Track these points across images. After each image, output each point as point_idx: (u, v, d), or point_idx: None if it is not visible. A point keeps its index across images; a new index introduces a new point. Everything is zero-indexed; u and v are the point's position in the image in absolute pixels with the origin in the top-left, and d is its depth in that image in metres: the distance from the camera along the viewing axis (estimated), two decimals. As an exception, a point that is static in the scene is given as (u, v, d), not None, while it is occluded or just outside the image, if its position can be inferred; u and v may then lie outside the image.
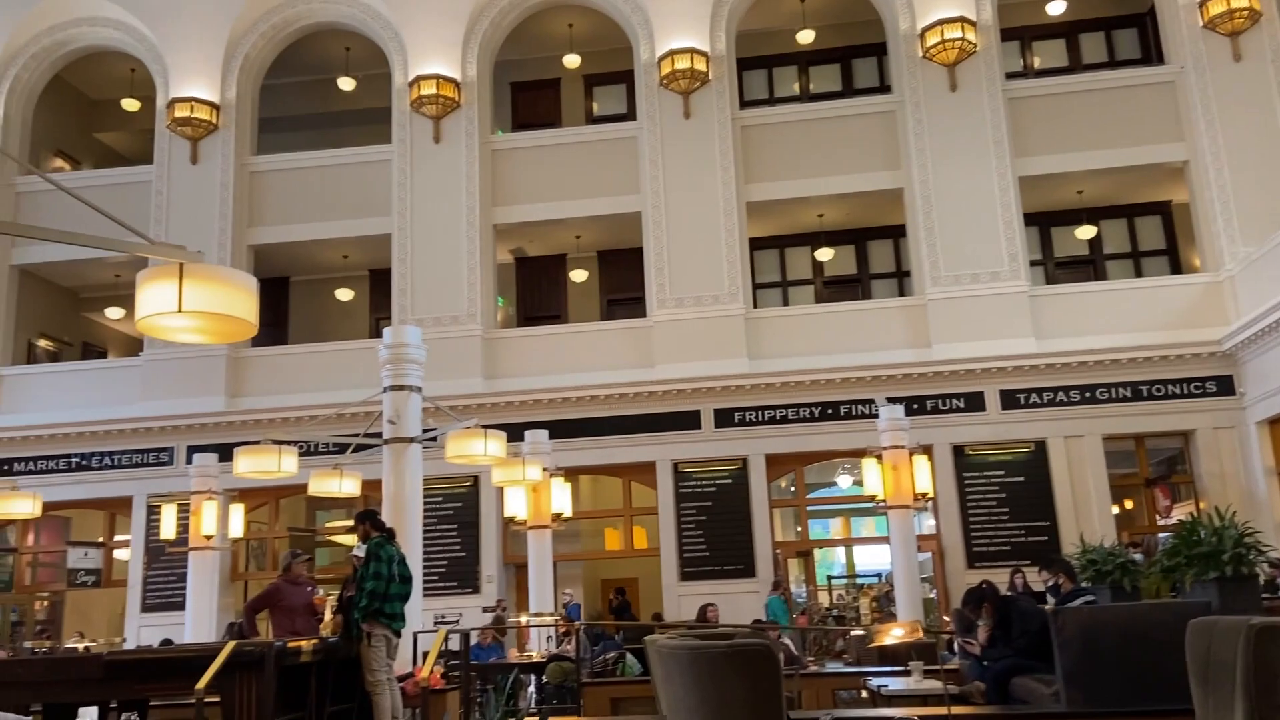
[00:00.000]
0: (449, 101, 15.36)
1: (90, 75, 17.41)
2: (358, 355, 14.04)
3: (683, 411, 14.17)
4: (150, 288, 3.89)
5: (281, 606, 7.93)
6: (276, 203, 15.81)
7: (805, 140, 15.06)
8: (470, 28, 15.60)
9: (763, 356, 14.21)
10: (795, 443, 14.01)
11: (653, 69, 15.19)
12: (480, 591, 13.89)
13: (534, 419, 13.30)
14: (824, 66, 16.76)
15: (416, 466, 8.99)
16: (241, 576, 15.10)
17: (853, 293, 15.93)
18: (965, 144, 14.36)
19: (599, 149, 15.53)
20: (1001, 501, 13.46)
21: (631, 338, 14.69)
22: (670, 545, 13.86)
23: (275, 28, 16.12)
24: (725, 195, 14.73)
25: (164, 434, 14.76)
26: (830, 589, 16.34)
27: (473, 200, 15.15)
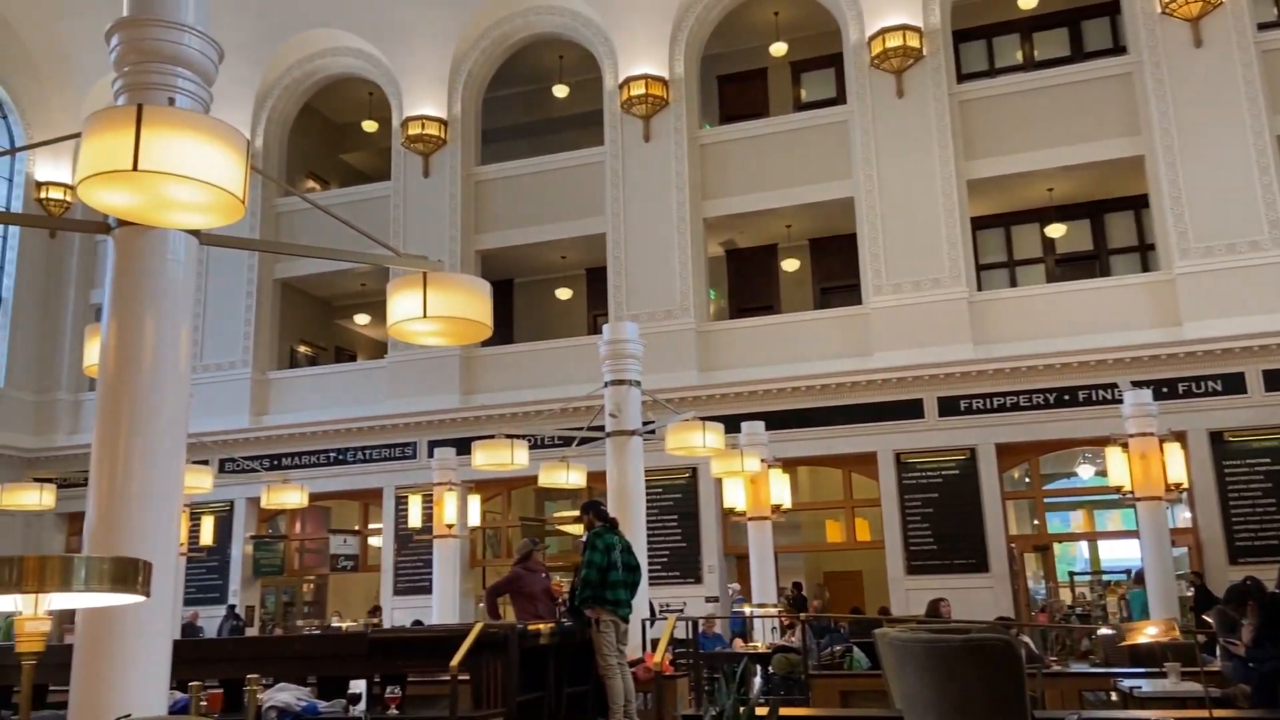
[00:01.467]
0: (658, 100, 15.62)
1: (334, 101, 18.98)
2: (578, 351, 14.57)
3: (904, 400, 13.76)
4: (399, 296, 4.21)
5: (523, 593, 8.36)
6: (499, 209, 16.65)
7: (1030, 111, 14.24)
8: (677, 25, 15.79)
9: (989, 341, 13.57)
10: (1028, 431, 13.29)
11: (862, 50, 14.82)
12: (702, 581, 14.08)
13: (749, 410, 13.30)
14: (1050, 31, 15.76)
15: (638, 458, 9.24)
16: (479, 563, 16.04)
17: (1089, 270, 14.92)
18: (1213, 103, 13.11)
19: (808, 136, 15.32)
20: (1267, 492, 12.21)
21: (847, 326, 14.42)
22: (895, 538, 13.51)
23: (494, 43, 16.97)
24: (944, 174, 14.16)
25: (407, 429, 15.89)
26: (1073, 585, 15.38)
27: (682, 195, 15.35)
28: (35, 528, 17.06)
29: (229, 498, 16.16)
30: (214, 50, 4.02)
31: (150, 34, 3.85)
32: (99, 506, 3.63)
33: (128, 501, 3.61)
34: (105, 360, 3.80)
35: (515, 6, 16.68)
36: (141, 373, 3.75)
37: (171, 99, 3.76)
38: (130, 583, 1.79)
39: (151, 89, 3.82)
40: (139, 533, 3.57)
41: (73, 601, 1.85)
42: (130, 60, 3.88)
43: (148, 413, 3.70)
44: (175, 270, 3.92)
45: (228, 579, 16.28)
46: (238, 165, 3.12)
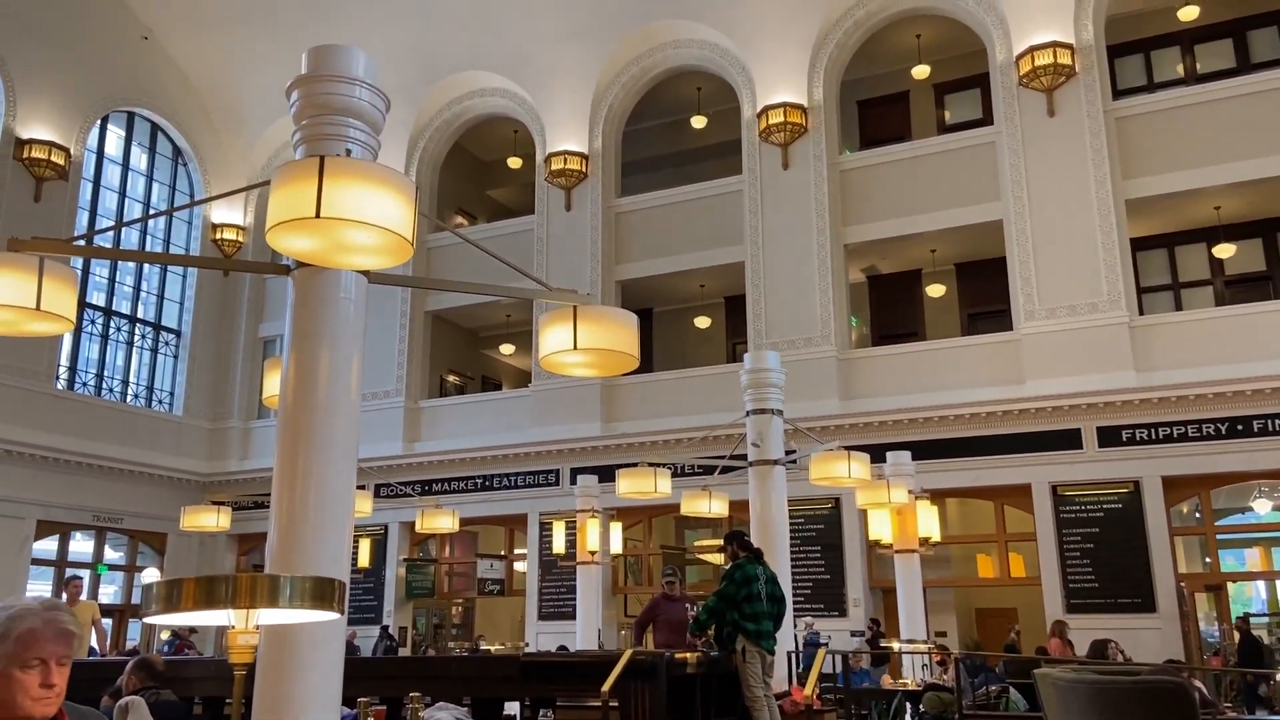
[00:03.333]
0: (797, 128, 15.59)
1: (480, 140, 19.76)
2: (718, 380, 14.60)
3: (1060, 430, 13.18)
4: (551, 329, 4.36)
5: (661, 621, 8.42)
6: (639, 239, 16.92)
7: (1193, 126, 13.53)
8: (816, 52, 15.76)
9: (1153, 368, 12.88)
10: (1197, 463, 12.52)
11: (1010, 69, 14.42)
12: (847, 615, 13.79)
13: (893, 440, 13.01)
14: (1213, 43, 14.97)
15: (781, 488, 9.18)
16: (621, 590, 16.18)
17: (1261, 292, 13.99)
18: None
19: (952, 158, 14.98)
20: None
21: (996, 353, 13.95)
22: (1053, 574, 12.90)
23: (634, 78, 17.34)
24: (1099, 194, 13.58)
25: (551, 457, 16.23)
26: (1249, 628, 14.29)
27: (822, 222, 15.23)
28: (209, 547, 18.25)
29: (384, 521, 16.87)
30: (382, 101, 4.29)
31: (327, 89, 4.15)
32: (280, 526, 3.89)
33: (306, 522, 3.86)
34: (285, 391, 4.09)
35: (654, 42, 17.01)
36: (317, 402, 4.01)
37: (348, 150, 4.04)
38: (328, 600, 1.94)
39: (328, 139, 4.12)
40: (316, 552, 3.81)
41: (278, 617, 2.01)
42: (309, 113, 4.19)
43: (324, 440, 3.96)
44: (347, 307, 4.19)
45: (382, 599, 16.96)
46: (407, 210, 3.33)
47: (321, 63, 4.21)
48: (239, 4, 17.70)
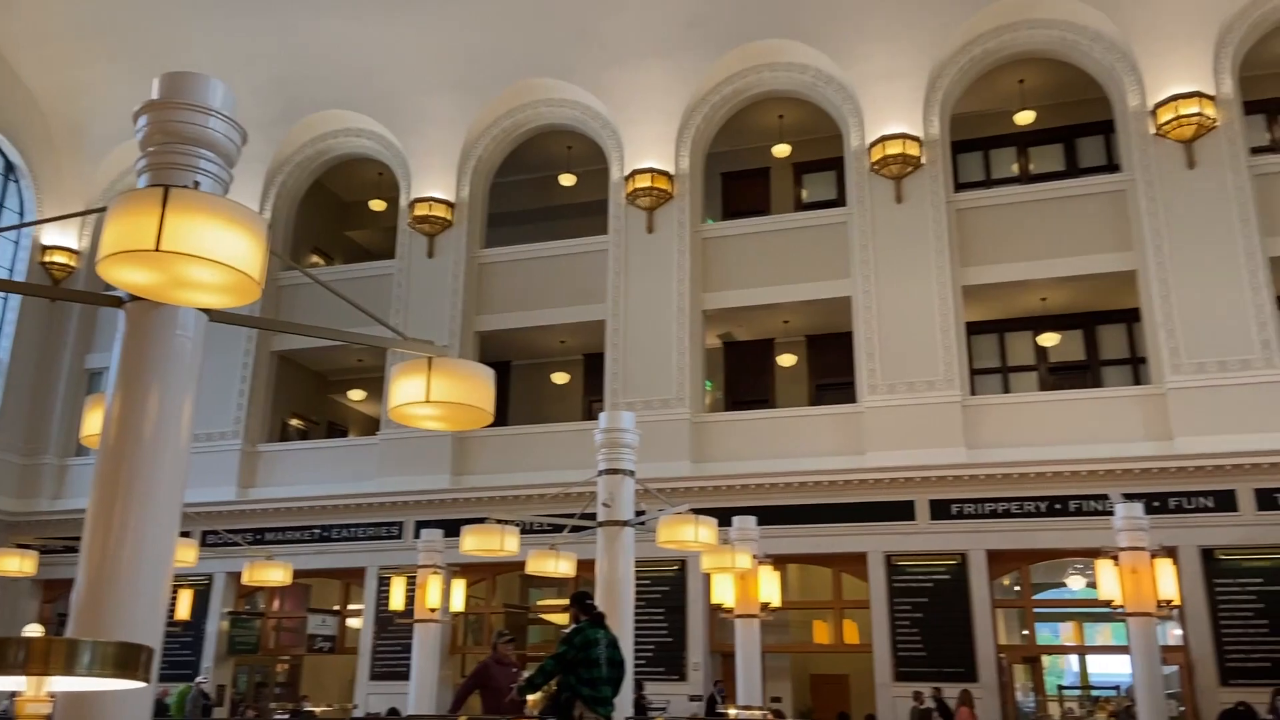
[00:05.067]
0: (662, 193, 15.95)
1: (343, 179, 19.34)
2: (573, 437, 14.55)
3: (896, 501, 13.71)
4: (403, 380, 4.23)
5: (490, 686, 8.21)
6: (501, 292, 16.83)
7: (1025, 222, 14.56)
8: (684, 123, 16.22)
9: (982, 446, 13.60)
10: (1020, 539, 13.23)
11: (863, 155, 15.20)
12: (687, 679, 13.80)
13: (741, 504, 13.22)
14: (1045, 147, 16.22)
15: (629, 549, 9.14)
16: (460, 650, 15.71)
17: (1081, 380, 15.05)
18: (1208, 223, 13.43)
19: (808, 235, 15.62)
20: (1260, 613, 12.10)
21: (841, 424, 14.46)
22: (883, 642, 13.31)
23: (505, 131, 17.39)
24: (940, 279, 14.39)
25: (395, 508, 15.74)
26: (1061, 700, 15.10)
27: (683, 287, 15.55)
28: (11, 592, 16.72)
29: (209, 571, 15.87)
30: (238, 134, 4.12)
31: (178, 116, 3.95)
32: (89, 578, 3.58)
33: (118, 573, 3.57)
34: (107, 430, 3.80)
35: (528, 97, 17.14)
36: (143, 445, 3.75)
37: (196, 182, 3.85)
38: (132, 669, 1.78)
39: (176, 169, 3.91)
40: (128, 608, 3.52)
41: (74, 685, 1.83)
42: (156, 140, 3.97)
43: (146, 485, 3.69)
44: (183, 345, 3.95)
45: (200, 655, 15.91)
46: (257, 249, 3.19)
47: (175, 89, 4.01)
48: (93, 21, 16.88)
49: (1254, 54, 14.21)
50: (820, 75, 15.72)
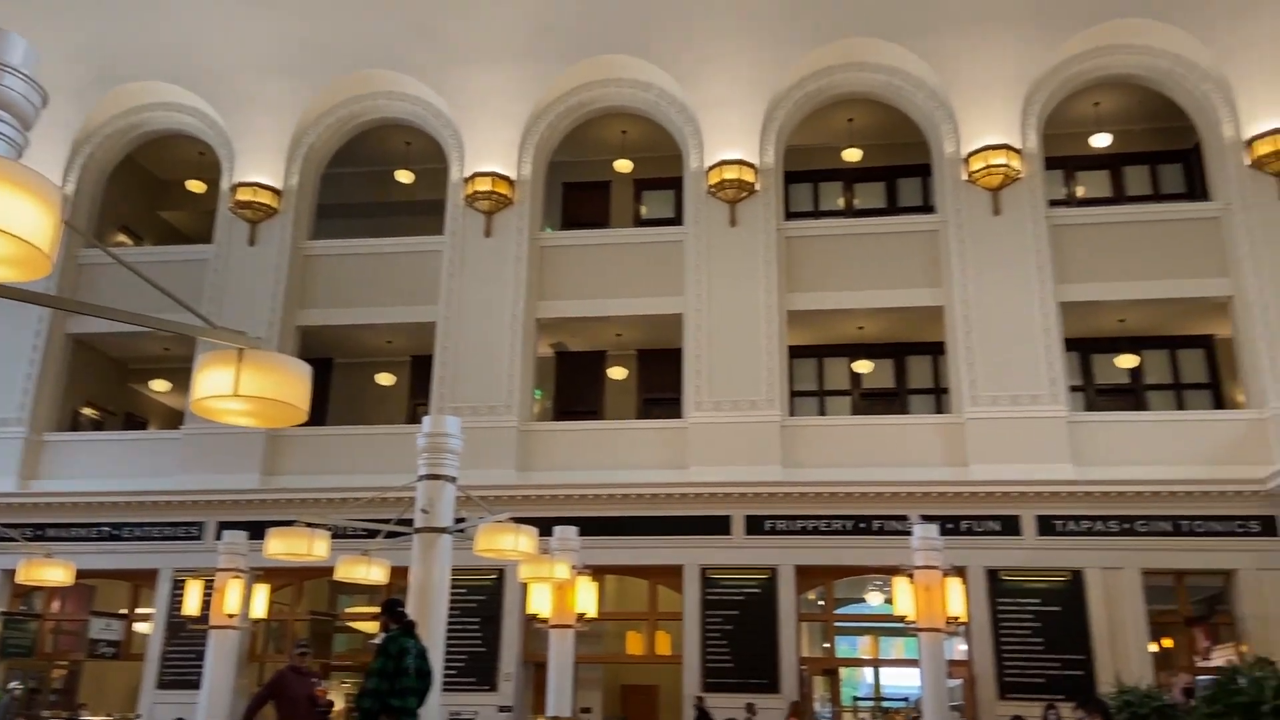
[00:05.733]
0: (502, 198, 15.81)
1: (160, 156, 18.17)
2: (394, 440, 14.15)
3: (714, 516, 14.05)
4: (209, 371, 3.99)
5: (285, 696, 7.88)
6: (327, 286, 16.22)
7: (848, 254, 15.27)
8: (528, 130, 16.14)
9: (797, 465, 14.14)
10: (827, 555, 13.81)
11: (701, 177, 15.58)
12: (497, 690, 13.65)
13: (564, 514, 13.23)
14: (869, 184, 17.10)
15: (446, 557, 8.94)
16: (259, 658, 14.96)
17: (890, 406, 15.89)
18: (1007, 267, 14.47)
19: (645, 251, 15.84)
20: (1036, 631, 13.09)
21: (666, 438, 14.71)
22: (694, 653, 13.59)
23: (341, 121, 16.81)
24: (767, 303, 14.89)
25: (196, 508, 14.86)
26: (855, 711, 15.84)
27: (518, 294, 15.45)
28: None
29: (-22, 568, 14.52)
30: (38, 95, 3.80)
31: (-31, 70, 3.61)
32: None
33: None
34: None
35: (367, 88, 16.64)
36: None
37: (-17, 142, 3.52)
38: None
39: (-40, 127, 3.56)
40: None
41: None
42: (-60, 94, 3.61)
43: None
44: (-42, 320, 3.59)
45: (-37, 659, 14.49)
46: (48, 220, 2.93)
47: (-33, 40, 3.66)
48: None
49: (1057, 113, 15.46)
50: (664, 95, 16.01)
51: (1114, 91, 15.65)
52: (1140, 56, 15.03)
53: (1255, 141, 14.18)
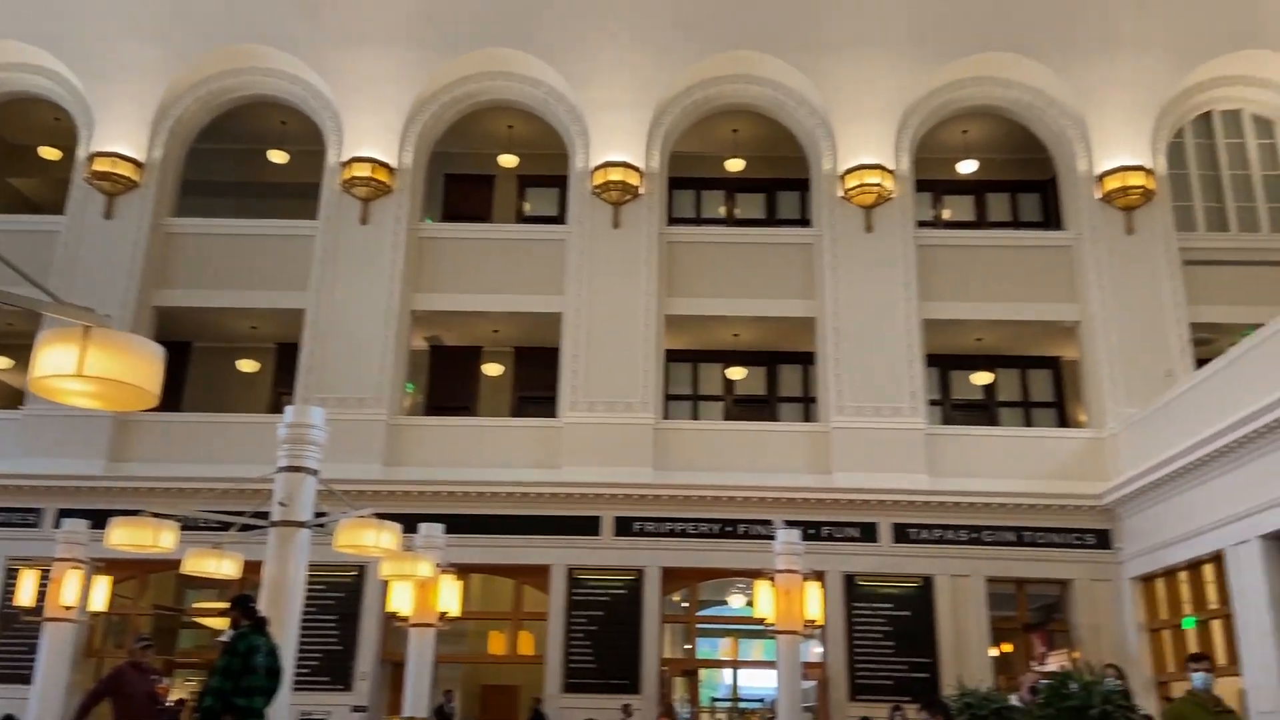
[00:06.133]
0: (381, 186, 15.44)
1: (12, 119, 17.01)
2: (255, 430, 13.60)
3: (584, 516, 14.06)
4: (51, 348, 3.77)
5: (123, 693, 7.51)
6: (189, 266, 15.51)
7: (727, 261, 15.53)
8: (411, 117, 15.81)
9: (668, 468, 14.28)
10: (693, 558, 14.00)
11: (586, 178, 15.58)
12: (352, 689, 13.31)
13: (431, 511, 12.98)
14: (750, 194, 17.43)
15: (303, 553, 8.66)
16: (97, 653, 14.16)
17: (761, 413, 16.22)
18: (876, 283, 14.99)
19: (526, 248, 15.74)
20: (887, 635, 13.59)
21: (540, 437, 14.64)
22: (556, 654, 13.56)
23: (213, 94, 16.10)
24: (646, 306, 15.00)
25: (35, 494, 13.98)
26: (713, 711, 16.12)
27: (393, 284, 15.11)
28: None
29: None
30: None
31: None
32: None
33: None
34: None
35: (242, 62, 16.00)
36: None
37: None
38: None
39: None
40: None
41: None
42: None
43: None
44: None
45: None
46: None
47: None
48: None
49: (928, 138, 16.11)
50: (552, 93, 15.94)
51: (981, 121, 16.43)
52: (1006, 90, 15.81)
53: (1105, 177, 15.11)
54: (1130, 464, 13.20)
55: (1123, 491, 13.29)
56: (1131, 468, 13.11)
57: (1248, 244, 15.17)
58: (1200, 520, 11.78)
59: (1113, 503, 13.62)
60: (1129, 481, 13.09)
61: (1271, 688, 10.06)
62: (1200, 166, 15.85)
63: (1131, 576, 13.44)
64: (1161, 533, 12.66)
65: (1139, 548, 13.24)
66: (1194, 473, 11.80)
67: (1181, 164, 15.78)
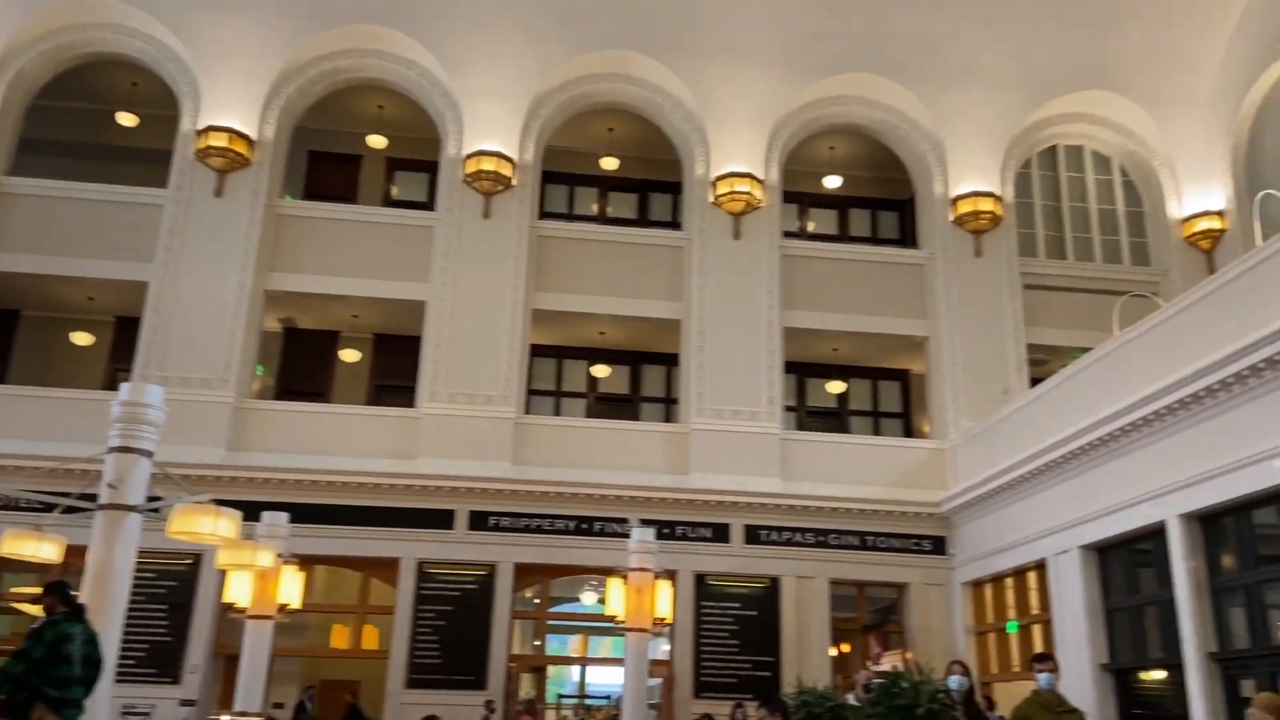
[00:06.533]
0: (239, 158, 14.79)
1: None
2: (87, 406, 12.81)
3: (439, 510, 13.83)
4: None
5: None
6: (22, 229, 14.48)
7: (597, 259, 15.55)
8: (275, 88, 15.21)
9: (527, 463, 14.19)
10: (548, 554, 13.96)
11: (458, 165, 15.32)
12: (181, 682, 12.69)
13: (277, 499, 12.53)
14: (623, 194, 17.51)
15: (132, 538, 8.19)
16: (-107, 641, 13.06)
17: (623, 412, 16.29)
18: (741, 289, 15.29)
19: (392, 232, 15.35)
20: (734, 634, 13.89)
21: (396, 427, 14.31)
22: (402, 649, 13.28)
23: (59, 49, 15.08)
24: (513, 299, 14.87)
25: None
26: (559, 708, 16.13)
27: (247, 262, 14.50)
28: None
29: None
30: None
31: None
32: None
33: None
34: None
35: (92, 17, 15.04)
36: None
37: None
38: None
39: None
40: None
41: None
42: None
43: None
44: None
45: None
46: None
47: None
48: None
49: (797, 151, 16.54)
50: (427, 76, 15.61)
51: (848, 139, 16.99)
52: (873, 110, 16.40)
53: (959, 201, 15.86)
54: (967, 475, 13.90)
55: (958, 501, 13.99)
56: (967, 478, 13.81)
57: (1082, 272, 16.18)
58: (1027, 530, 12.51)
59: (949, 511, 14.31)
60: (964, 491, 13.78)
61: (1085, 689, 10.76)
62: (1044, 197, 16.82)
63: (963, 581, 14.15)
64: (991, 541, 13.38)
65: (971, 554, 13.96)
66: (1023, 485, 12.53)
67: (1028, 193, 16.71)
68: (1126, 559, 11.17)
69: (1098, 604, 11.31)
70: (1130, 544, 10.96)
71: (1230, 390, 9.02)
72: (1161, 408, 9.82)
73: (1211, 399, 9.26)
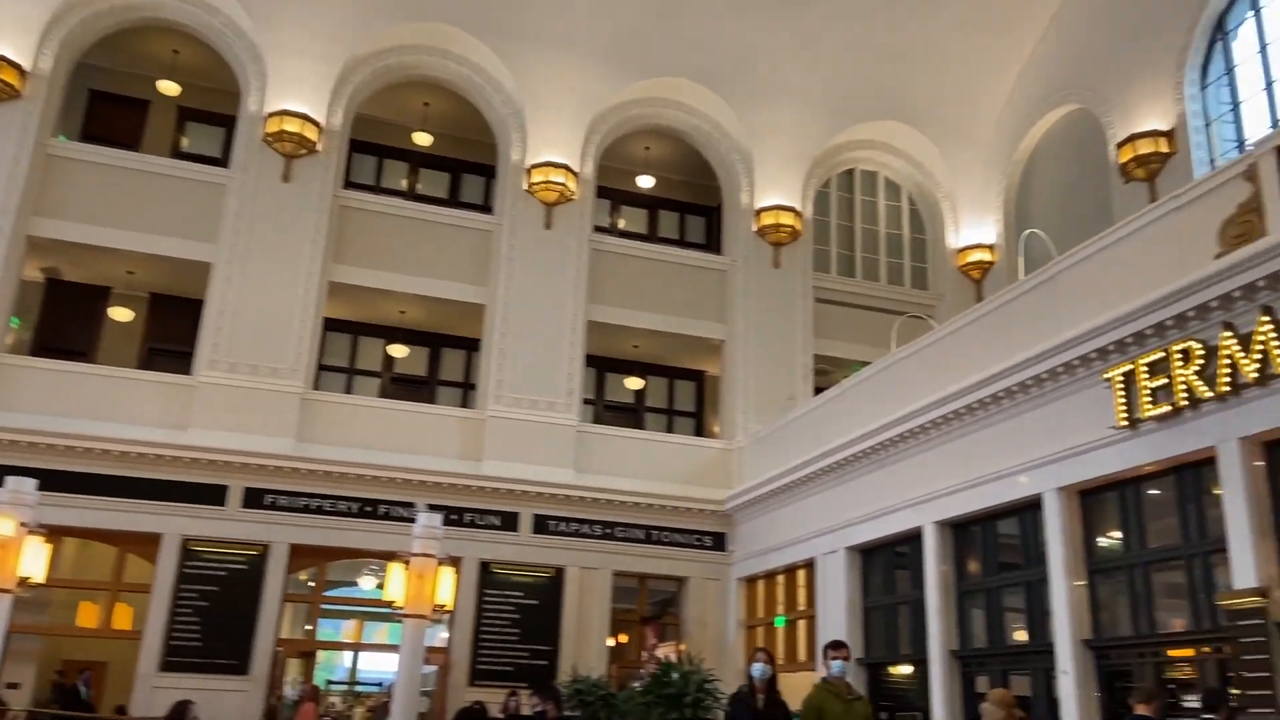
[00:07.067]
0: (8, 88, 13.40)
1: None
2: None
3: (210, 485, 13.07)
4: None
5: None
6: None
7: (402, 236, 15.12)
8: (56, 17, 13.88)
9: (312, 440, 13.65)
10: (327, 535, 13.47)
11: (259, 123, 14.51)
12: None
13: (26, 464, 11.51)
14: (435, 172, 17.10)
15: None
16: None
17: (419, 394, 15.91)
18: (548, 279, 15.29)
19: (180, 186, 14.35)
20: (515, 622, 13.88)
21: (170, 394, 13.41)
22: (157, 630, 12.46)
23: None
24: (309, 269, 14.25)
25: None
26: (328, 694, 15.59)
27: (8, 202, 13.19)
28: None
29: None
30: None
31: None
32: None
33: None
34: None
35: None
36: None
37: None
38: None
39: None
40: None
41: None
42: None
43: None
44: None
45: None
46: None
47: None
48: None
49: (613, 148, 16.71)
50: (230, 25, 14.69)
51: (663, 141, 17.32)
52: (689, 116, 16.79)
53: (762, 212, 16.50)
54: (751, 475, 14.50)
55: (740, 500, 14.57)
56: (750, 479, 14.41)
57: (869, 290, 17.20)
58: (800, 530, 13.20)
59: (732, 509, 14.88)
60: (746, 491, 14.37)
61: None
62: (839, 216, 17.77)
63: (739, 577, 14.76)
64: (768, 539, 14.02)
65: (747, 551, 14.58)
66: (800, 488, 13.20)
67: (825, 212, 17.60)
68: (887, 561, 11.98)
69: (858, 602, 12.07)
70: (891, 547, 11.76)
71: (987, 409, 9.84)
72: (926, 422, 10.59)
73: (971, 416, 10.07)
